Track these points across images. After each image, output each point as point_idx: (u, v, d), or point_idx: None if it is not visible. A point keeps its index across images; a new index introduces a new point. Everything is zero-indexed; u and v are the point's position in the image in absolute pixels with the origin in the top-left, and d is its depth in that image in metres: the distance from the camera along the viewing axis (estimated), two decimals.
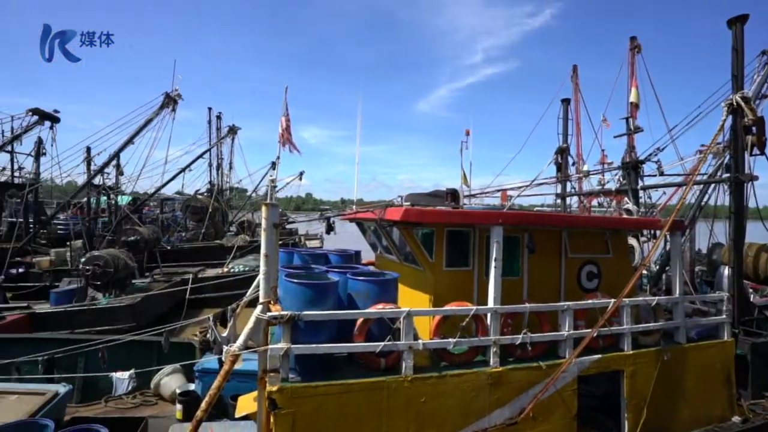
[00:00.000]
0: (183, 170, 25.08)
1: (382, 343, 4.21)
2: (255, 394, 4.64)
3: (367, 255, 8.32)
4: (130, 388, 6.89)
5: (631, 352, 5.56)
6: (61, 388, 5.89)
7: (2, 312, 11.44)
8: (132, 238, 16.80)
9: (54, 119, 17.92)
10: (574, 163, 15.81)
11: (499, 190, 11.96)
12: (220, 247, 22.05)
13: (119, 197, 24.90)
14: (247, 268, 16.40)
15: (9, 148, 19.30)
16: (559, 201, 14.85)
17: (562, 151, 13.54)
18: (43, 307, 12.39)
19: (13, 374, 6.94)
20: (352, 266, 5.93)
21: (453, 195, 6.13)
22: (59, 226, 23.37)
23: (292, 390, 3.97)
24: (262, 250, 4.14)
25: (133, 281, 15.25)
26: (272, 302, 4.14)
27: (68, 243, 18.07)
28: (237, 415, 4.99)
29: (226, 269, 16.72)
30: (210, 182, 31.43)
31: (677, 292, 6.31)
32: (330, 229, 5.82)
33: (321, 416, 4.07)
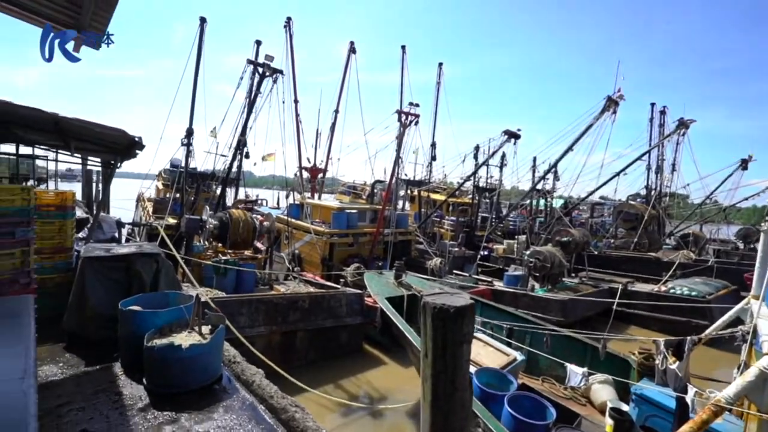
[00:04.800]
0: (617, 174, 24.10)
1: None
2: None
3: None
4: (582, 384, 7.08)
5: None
6: (519, 356, 7.20)
7: (477, 282, 15.81)
8: (565, 239, 18.05)
9: (517, 137, 22.42)
10: None
11: None
12: (655, 260, 19.41)
13: (554, 200, 27.79)
14: (693, 293, 13.39)
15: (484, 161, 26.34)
16: None
17: None
18: (499, 284, 15.88)
19: (487, 329, 9.18)
20: None
21: None
22: (510, 222, 29.22)
23: None
24: None
25: (563, 279, 16.42)
26: None
27: (516, 237, 22.25)
28: None
29: (662, 288, 14.47)
30: (646, 187, 28.43)
31: None
32: None
33: None
